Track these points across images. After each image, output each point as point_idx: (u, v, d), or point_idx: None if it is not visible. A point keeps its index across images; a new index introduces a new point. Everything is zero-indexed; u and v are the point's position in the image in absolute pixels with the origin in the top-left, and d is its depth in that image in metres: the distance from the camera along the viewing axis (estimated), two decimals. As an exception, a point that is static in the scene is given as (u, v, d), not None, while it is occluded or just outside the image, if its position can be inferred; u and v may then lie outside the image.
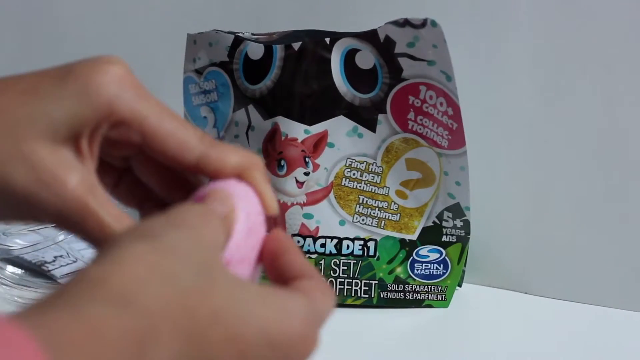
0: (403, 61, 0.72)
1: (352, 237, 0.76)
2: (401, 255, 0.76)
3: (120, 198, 0.43)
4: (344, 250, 0.76)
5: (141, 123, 0.38)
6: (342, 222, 0.76)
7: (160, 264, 0.31)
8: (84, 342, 0.28)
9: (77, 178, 0.37)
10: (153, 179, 0.42)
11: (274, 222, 0.76)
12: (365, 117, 0.74)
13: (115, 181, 0.42)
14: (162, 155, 0.39)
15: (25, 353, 0.26)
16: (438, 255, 0.76)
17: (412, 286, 0.76)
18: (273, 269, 0.39)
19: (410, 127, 0.74)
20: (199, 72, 0.80)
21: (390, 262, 0.76)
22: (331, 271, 0.76)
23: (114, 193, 0.42)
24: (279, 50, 0.74)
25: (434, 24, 0.70)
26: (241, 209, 0.38)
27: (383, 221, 0.75)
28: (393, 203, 0.75)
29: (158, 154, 0.39)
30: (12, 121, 0.36)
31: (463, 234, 0.76)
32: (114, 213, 0.38)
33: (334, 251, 0.76)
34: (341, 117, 0.75)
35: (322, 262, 0.76)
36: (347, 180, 0.75)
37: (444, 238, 0.76)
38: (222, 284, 0.33)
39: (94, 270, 0.31)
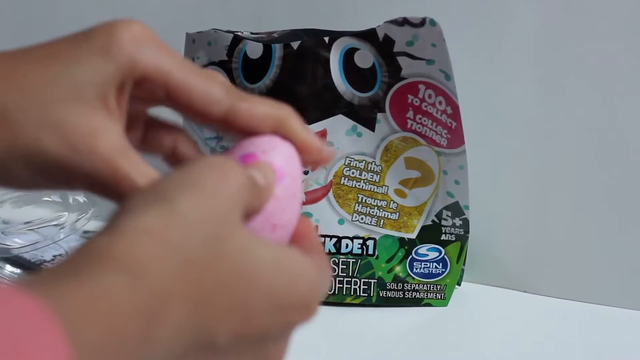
0: (402, 60, 0.72)
1: (351, 236, 0.76)
2: (400, 254, 0.76)
3: (147, 152, 0.42)
4: (343, 249, 0.76)
5: (166, 77, 0.37)
6: (341, 221, 0.76)
7: (169, 235, 0.31)
8: (95, 315, 0.28)
9: (108, 141, 0.36)
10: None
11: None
12: (364, 116, 0.74)
13: (141, 136, 0.41)
14: (188, 110, 0.38)
15: (39, 324, 0.26)
16: (437, 254, 0.76)
17: (411, 285, 0.76)
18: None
19: (409, 126, 0.74)
20: (198, 71, 0.79)
21: (389, 260, 0.76)
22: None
23: (141, 148, 0.42)
24: (278, 50, 0.74)
25: (432, 22, 0.70)
26: (287, 174, 0.38)
27: (382, 220, 0.75)
28: (392, 202, 0.75)
29: (184, 109, 0.38)
30: (37, 87, 0.36)
31: (462, 233, 0.76)
32: (148, 174, 0.37)
33: (333, 250, 0.76)
34: (340, 116, 0.75)
35: (321, 261, 0.76)
36: (346, 179, 0.75)
37: (443, 237, 0.76)
38: (232, 252, 0.33)
39: (102, 240, 0.30)
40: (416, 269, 0.76)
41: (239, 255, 0.33)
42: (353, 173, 0.75)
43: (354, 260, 0.76)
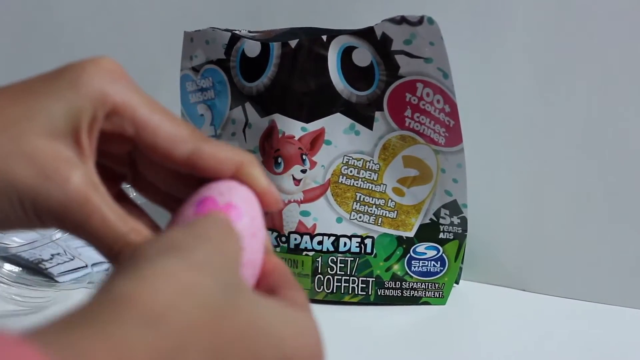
0: (400, 58, 0.72)
1: (349, 235, 0.76)
2: (398, 252, 0.76)
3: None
4: (341, 248, 0.76)
5: (133, 112, 0.38)
6: (339, 220, 0.76)
7: (192, 283, 0.31)
8: None
9: (80, 173, 0.36)
10: (159, 182, 0.41)
11: (272, 219, 0.76)
12: (362, 115, 0.74)
13: (115, 194, 0.41)
14: (154, 150, 0.38)
15: None
16: (435, 252, 0.76)
17: (409, 283, 0.76)
18: (263, 282, 0.39)
19: (407, 124, 0.74)
20: (195, 69, 0.79)
21: (387, 259, 0.76)
22: (328, 268, 0.76)
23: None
24: (275, 48, 0.74)
25: (430, 21, 0.70)
26: (245, 213, 0.38)
27: (380, 218, 0.75)
28: (390, 200, 0.75)
29: (150, 149, 0.38)
30: (10, 119, 0.36)
31: (460, 231, 0.76)
32: (117, 211, 0.37)
33: (331, 248, 0.76)
34: (338, 114, 0.75)
35: (320, 259, 0.76)
36: (344, 177, 0.75)
37: (441, 235, 0.76)
38: (246, 302, 0.33)
39: (121, 286, 0.30)
40: (414, 267, 0.76)
41: (252, 307, 0.33)
42: (351, 171, 0.75)
43: (352, 258, 0.76)
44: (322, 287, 0.76)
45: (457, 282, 0.78)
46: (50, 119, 0.36)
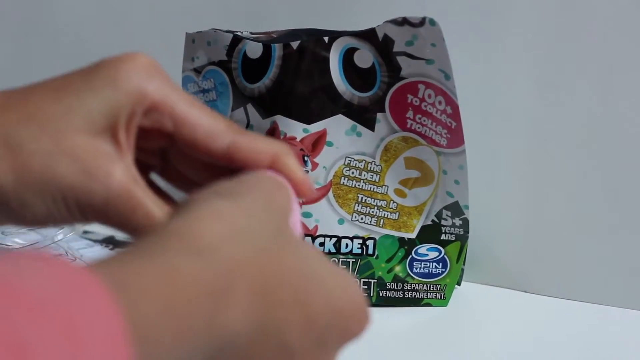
0: (401, 60, 0.72)
1: (350, 236, 0.76)
2: (400, 254, 0.76)
3: None
4: (343, 249, 0.76)
5: (172, 108, 0.38)
6: (341, 221, 0.76)
7: (241, 222, 0.32)
8: (157, 289, 0.28)
9: (121, 169, 0.37)
10: (192, 174, 0.42)
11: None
12: (364, 116, 0.74)
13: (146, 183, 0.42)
14: (192, 144, 0.39)
15: (92, 296, 0.25)
16: (437, 253, 0.76)
17: (411, 285, 0.76)
18: None
19: (409, 125, 0.74)
20: (197, 71, 0.79)
21: (389, 260, 0.76)
22: (330, 270, 0.76)
23: None
24: (277, 49, 0.74)
25: (432, 22, 0.70)
26: None
27: (382, 220, 0.75)
28: (392, 202, 0.75)
29: (189, 143, 0.39)
30: (49, 117, 0.36)
31: (462, 233, 0.76)
32: (159, 204, 0.38)
33: (332, 250, 0.76)
34: (340, 115, 0.75)
35: (321, 261, 0.76)
36: (346, 179, 0.75)
37: (443, 237, 0.76)
38: (293, 247, 0.34)
39: (174, 223, 0.31)
40: (416, 268, 0.76)
41: (300, 254, 0.34)
42: (353, 173, 0.75)
43: (354, 260, 0.76)
44: (323, 288, 0.76)
45: (458, 284, 0.78)
46: (89, 116, 0.37)
